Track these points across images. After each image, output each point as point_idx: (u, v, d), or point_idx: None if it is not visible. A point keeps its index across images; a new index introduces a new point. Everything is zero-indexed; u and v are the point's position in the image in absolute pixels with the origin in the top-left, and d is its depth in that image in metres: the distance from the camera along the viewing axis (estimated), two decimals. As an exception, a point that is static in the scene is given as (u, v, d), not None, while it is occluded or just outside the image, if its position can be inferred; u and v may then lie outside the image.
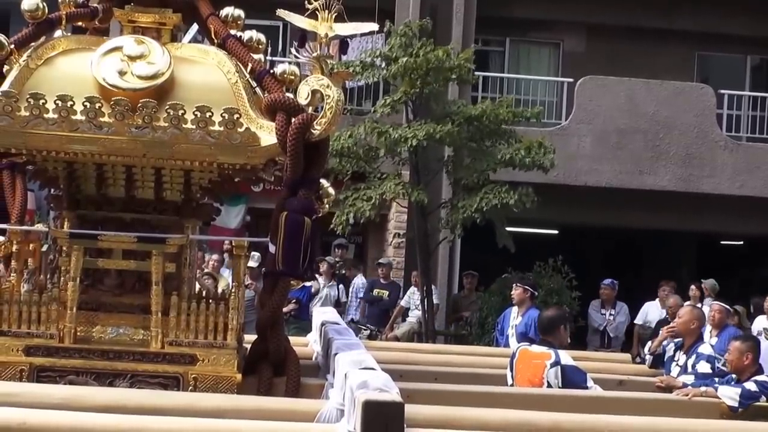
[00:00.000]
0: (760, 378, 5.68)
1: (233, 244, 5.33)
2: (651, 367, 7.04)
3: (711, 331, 9.08)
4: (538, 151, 11.19)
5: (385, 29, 11.66)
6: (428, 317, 11.89)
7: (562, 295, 12.04)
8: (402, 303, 12.62)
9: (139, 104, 4.43)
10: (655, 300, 11.94)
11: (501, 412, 4.31)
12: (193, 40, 5.69)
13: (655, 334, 7.79)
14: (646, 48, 15.92)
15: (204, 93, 4.65)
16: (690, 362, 6.55)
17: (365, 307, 12.73)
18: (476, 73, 12.51)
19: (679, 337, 6.82)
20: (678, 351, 6.75)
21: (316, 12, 4.71)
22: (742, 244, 17.86)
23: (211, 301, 4.80)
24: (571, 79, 15.27)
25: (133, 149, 4.46)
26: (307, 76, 4.71)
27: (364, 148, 11.55)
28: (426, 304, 11.88)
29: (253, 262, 10.56)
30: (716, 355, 6.62)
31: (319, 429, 4.09)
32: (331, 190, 5.54)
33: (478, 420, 4.16)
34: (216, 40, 5.00)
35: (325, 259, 12.21)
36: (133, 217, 4.91)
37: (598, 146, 14.52)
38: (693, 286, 11.80)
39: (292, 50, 4.93)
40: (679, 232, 15.97)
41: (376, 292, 12.77)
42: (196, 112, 4.45)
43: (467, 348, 8.84)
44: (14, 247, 5.29)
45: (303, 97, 4.64)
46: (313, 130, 4.56)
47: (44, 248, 5.57)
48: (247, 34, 5.01)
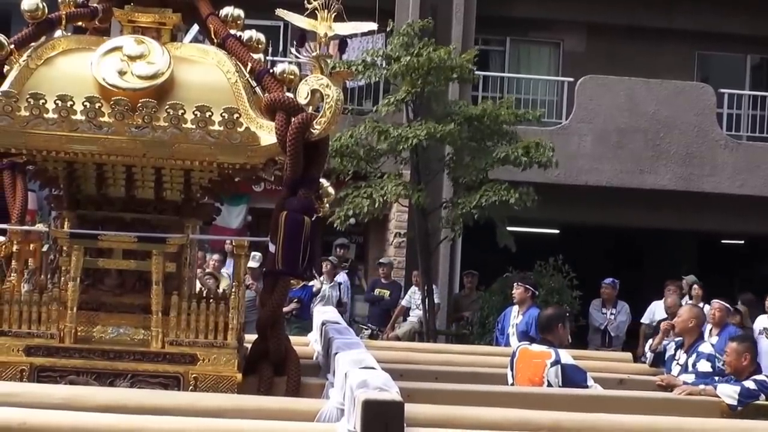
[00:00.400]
0: (759, 377, 5.68)
1: (234, 244, 5.33)
2: (652, 366, 7.05)
3: (711, 330, 9.09)
4: (536, 151, 11.19)
5: (388, 29, 11.67)
6: (429, 317, 11.88)
7: (563, 295, 12.02)
8: (403, 302, 12.61)
9: (139, 104, 4.44)
10: (661, 299, 11.91)
11: (501, 411, 4.30)
12: (194, 40, 5.69)
13: (656, 332, 7.80)
14: (646, 47, 15.90)
15: (204, 93, 4.65)
16: (690, 361, 6.55)
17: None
18: (477, 73, 12.49)
19: (679, 335, 6.82)
20: (679, 350, 6.76)
21: (316, 12, 4.72)
22: (742, 243, 17.85)
23: (211, 300, 4.80)
24: (572, 79, 15.25)
25: (133, 149, 4.46)
26: (307, 76, 4.71)
27: (365, 148, 11.55)
28: (427, 303, 11.87)
29: (254, 262, 10.56)
30: (716, 354, 6.61)
31: (320, 428, 4.09)
32: (331, 190, 5.53)
33: (479, 419, 4.16)
34: (216, 40, 5.00)
35: (329, 258, 12.21)
36: (134, 217, 4.91)
37: (598, 145, 14.51)
38: (695, 285, 11.80)
39: (292, 50, 4.94)
40: (679, 232, 15.95)
41: (377, 291, 12.78)
42: (196, 112, 4.45)
43: (468, 347, 8.80)
44: (15, 247, 5.29)
45: (303, 96, 4.65)
46: (312, 130, 4.56)
47: (45, 248, 5.57)
48: (247, 34, 5.01)
